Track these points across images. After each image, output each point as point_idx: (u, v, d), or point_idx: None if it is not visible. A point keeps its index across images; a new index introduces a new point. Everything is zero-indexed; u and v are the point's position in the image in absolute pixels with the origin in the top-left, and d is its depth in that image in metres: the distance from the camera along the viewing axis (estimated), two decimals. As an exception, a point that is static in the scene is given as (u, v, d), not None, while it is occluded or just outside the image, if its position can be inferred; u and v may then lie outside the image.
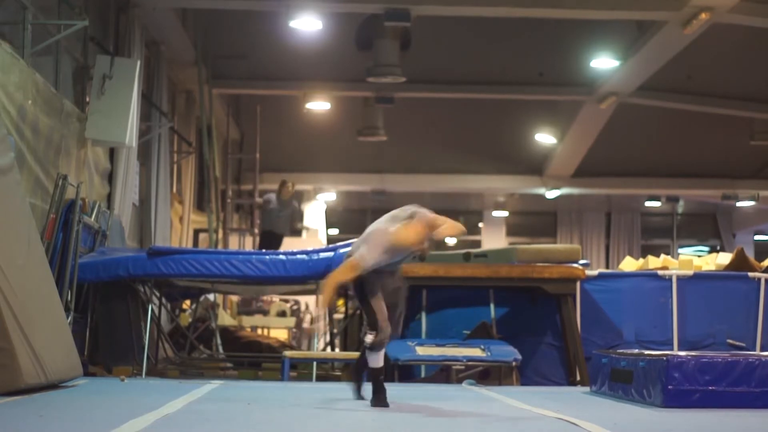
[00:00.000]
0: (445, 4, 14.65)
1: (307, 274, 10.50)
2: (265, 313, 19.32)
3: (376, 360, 6.81)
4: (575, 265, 10.64)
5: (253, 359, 12.41)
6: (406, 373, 10.42)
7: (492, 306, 10.64)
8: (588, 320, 10.59)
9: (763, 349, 10.48)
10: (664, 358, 7.02)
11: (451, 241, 29.08)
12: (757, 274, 10.78)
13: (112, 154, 12.80)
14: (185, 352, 12.52)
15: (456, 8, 14.75)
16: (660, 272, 10.91)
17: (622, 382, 7.63)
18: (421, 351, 9.76)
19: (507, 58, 18.96)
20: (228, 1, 15.15)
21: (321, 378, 10.62)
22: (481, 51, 18.73)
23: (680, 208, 29.21)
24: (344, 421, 5.90)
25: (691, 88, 19.89)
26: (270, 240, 16.99)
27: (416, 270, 10.50)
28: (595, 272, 10.95)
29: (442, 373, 10.35)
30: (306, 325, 19.36)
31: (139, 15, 13.45)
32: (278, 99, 20.98)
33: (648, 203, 27.76)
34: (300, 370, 11.02)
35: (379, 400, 6.74)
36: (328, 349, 12.93)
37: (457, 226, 6.97)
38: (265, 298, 19.65)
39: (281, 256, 10.52)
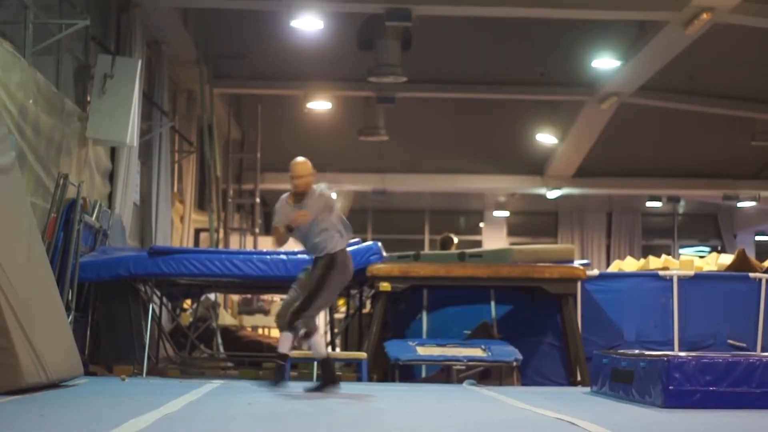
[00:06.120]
0: (447, 3, 14.63)
1: (307, 274, 10.49)
2: (266, 312, 19.31)
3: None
4: (575, 264, 10.63)
5: (253, 359, 12.41)
6: (407, 373, 10.42)
7: (493, 306, 10.63)
8: (589, 320, 10.58)
9: (763, 350, 10.48)
10: (665, 359, 7.01)
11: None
12: (758, 275, 10.78)
13: (113, 153, 12.80)
14: (186, 352, 12.53)
15: (457, 8, 14.73)
16: (661, 273, 10.91)
17: (623, 382, 7.63)
18: (422, 351, 9.77)
19: (508, 58, 18.93)
20: (229, 1, 15.15)
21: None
22: (483, 51, 18.70)
23: (681, 208, 29.18)
24: (344, 420, 5.90)
25: (692, 89, 19.85)
26: None
27: (417, 270, 10.51)
28: (595, 272, 10.95)
29: (443, 373, 10.35)
30: None
31: (140, 14, 13.46)
32: (279, 99, 20.96)
33: (649, 203, 27.73)
34: (300, 370, 11.02)
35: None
36: (329, 349, 12.93)
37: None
38: (265, 297, 19.63)
39: (282, 256, 10.52)
